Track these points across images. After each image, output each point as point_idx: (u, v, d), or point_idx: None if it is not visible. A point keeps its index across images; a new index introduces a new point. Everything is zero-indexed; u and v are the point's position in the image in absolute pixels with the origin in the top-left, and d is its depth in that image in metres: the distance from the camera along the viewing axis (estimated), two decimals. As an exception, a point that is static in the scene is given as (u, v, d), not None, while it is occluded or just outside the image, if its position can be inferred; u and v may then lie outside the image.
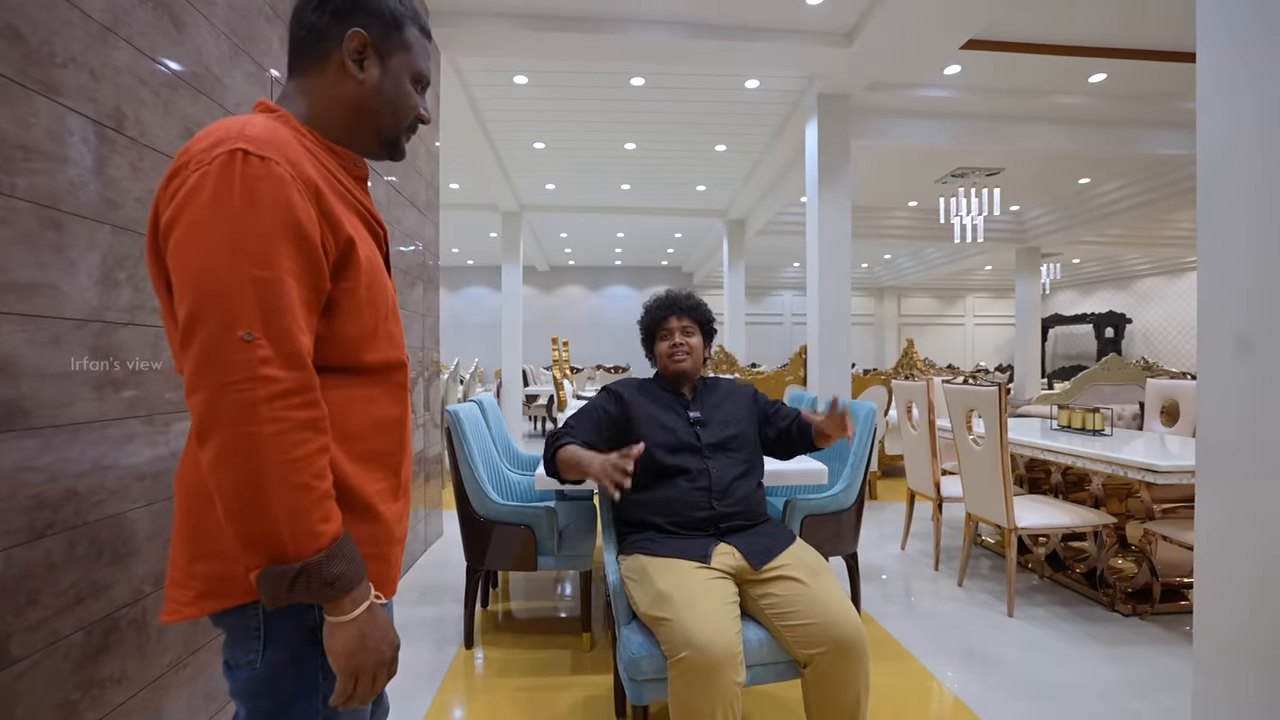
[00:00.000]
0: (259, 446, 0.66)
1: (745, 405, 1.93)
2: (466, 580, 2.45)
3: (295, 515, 0.68)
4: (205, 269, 0.67)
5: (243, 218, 0.68)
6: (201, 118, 1.54)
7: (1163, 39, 4.33)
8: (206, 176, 0.69)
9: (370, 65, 0.85)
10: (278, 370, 0.68)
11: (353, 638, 0.72)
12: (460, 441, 2.36)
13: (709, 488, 1.73)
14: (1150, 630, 2.62)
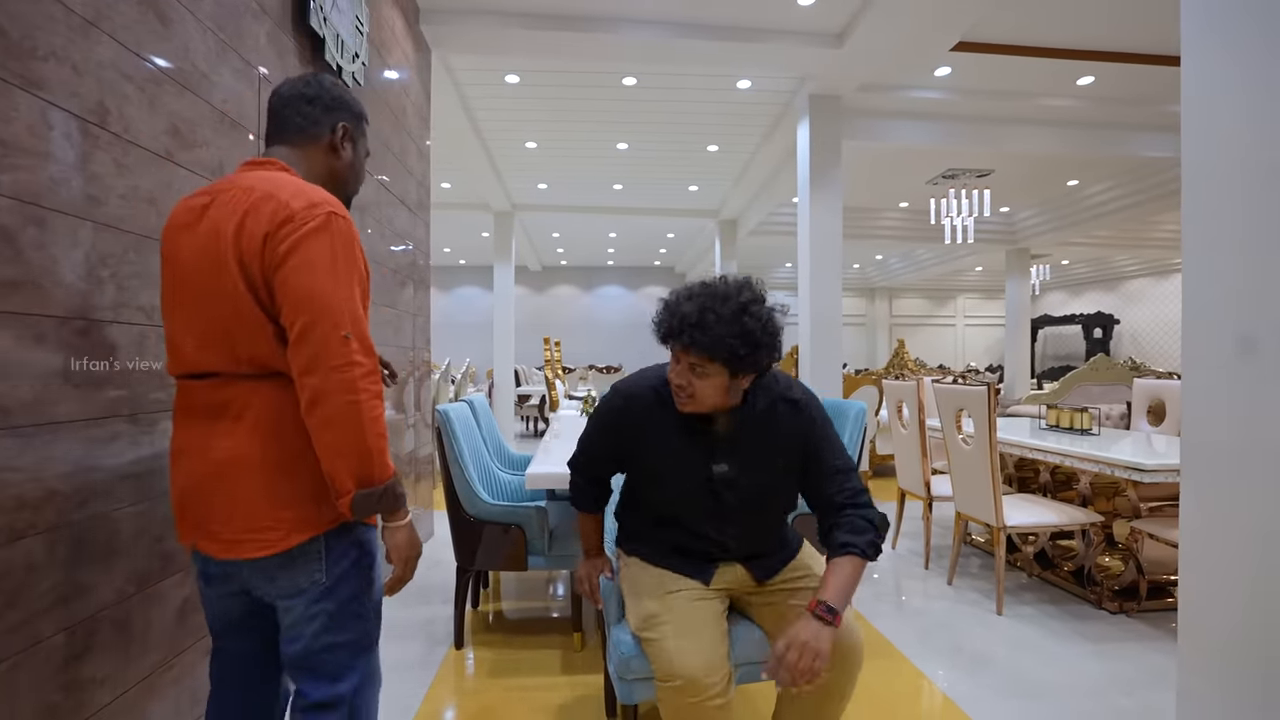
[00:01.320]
0: (358, 410, 0.97)
1: (794, 453, 1.40)
2: (457, 580, 2.44)
3: (379, 454, 0.99)
4: (318, 292, 0.96)
5: (339, 258, 0.99)
6: (187, 114, 1.53)
7: (1148, 42, 4.37)
8: (315, 230, 0.97)
9: (347, 147, 1.18)
10: (362, 359, 0.98)
11: (406, 536, 1.06)
12: (450, 441, 2.35)
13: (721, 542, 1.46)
14: (1136, 627, 2.64)
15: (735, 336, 1.25)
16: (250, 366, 1.00)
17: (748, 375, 1.32)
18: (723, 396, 1.33)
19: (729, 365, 1.28)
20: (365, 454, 0.98)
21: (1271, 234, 1.35)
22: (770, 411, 1.39)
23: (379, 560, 1.14)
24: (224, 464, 1.00)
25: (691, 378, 1.32)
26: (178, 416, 1.07)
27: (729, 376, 1.30)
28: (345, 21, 2.42)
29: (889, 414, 3.79)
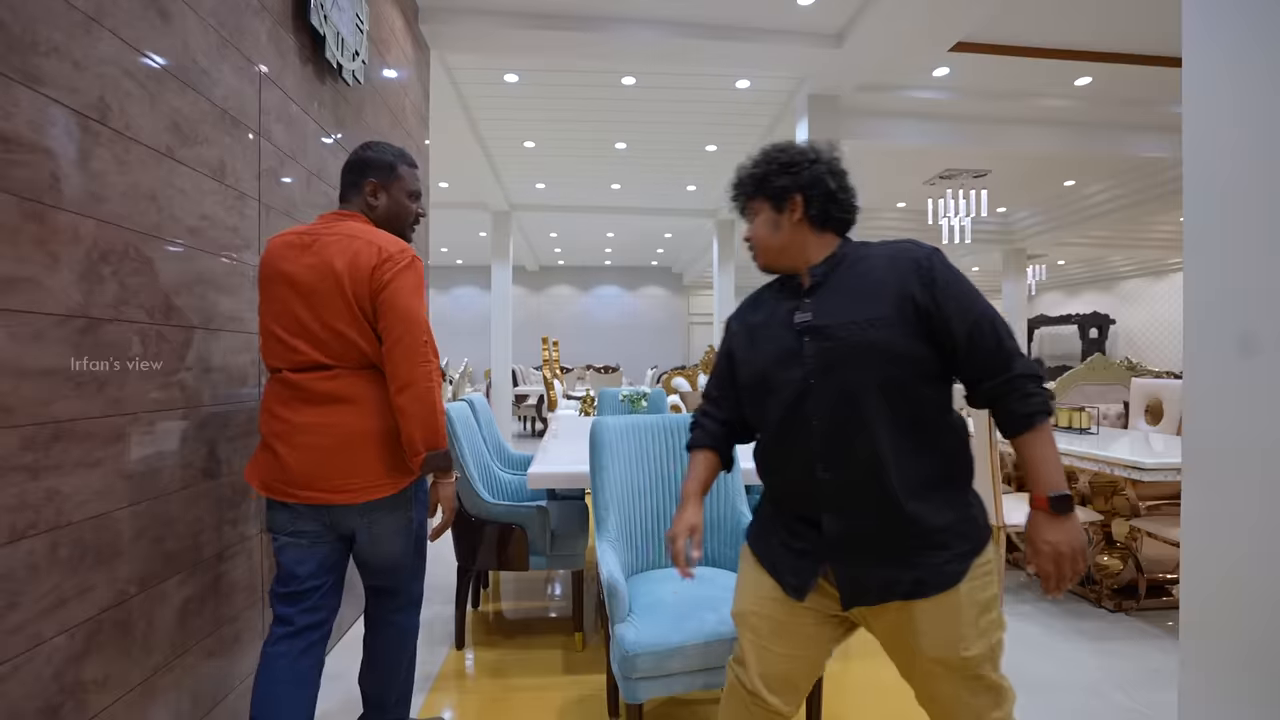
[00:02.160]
0: (431, 394, 1.39)
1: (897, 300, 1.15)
2: (457, 580, 2.43)
3: (442, 427, 1.41)
4: (410, 310, 1.39)
5: (419, 287, 1.42)
6: (188, 111, 1.52)
7: (1146, 43, 4.38)
8: (405, 267, 1.40)
9: (381, 196, 1.54)
10: (434, 359, 1.42)
11: (453, 490, 1.50)
12: (451, 440, 2.34)
13: (810, 447, 1.18)
14: (1136, 626, 2.65)
15: (756, 165, 1.29)
16: (357, 362, 1.41)
17: (790, 204, 1.24)
18: (773, 235, 1.28)
19: (758, 190, 1.28)
20: (435, 426, 1.40)
21: (1273, 233, 1.35)
22: (861, 259, 1.23)
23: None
24: (352, 435, 1.39)
25: (749, 229, 1.33)
26: (282, 401, 1.41)
27: (772, 209, 1.27)
28: (345, 19, 2.41)
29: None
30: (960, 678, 1.15)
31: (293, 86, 2.08)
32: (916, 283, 1.15)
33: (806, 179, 1.24)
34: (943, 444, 1.18)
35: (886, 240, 1.26)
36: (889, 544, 1.16)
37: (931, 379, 1.17)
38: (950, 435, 1.19)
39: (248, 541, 1.80)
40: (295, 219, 2.09)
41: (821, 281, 1.24)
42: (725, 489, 2.00)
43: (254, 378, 1.82)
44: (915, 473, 1.14)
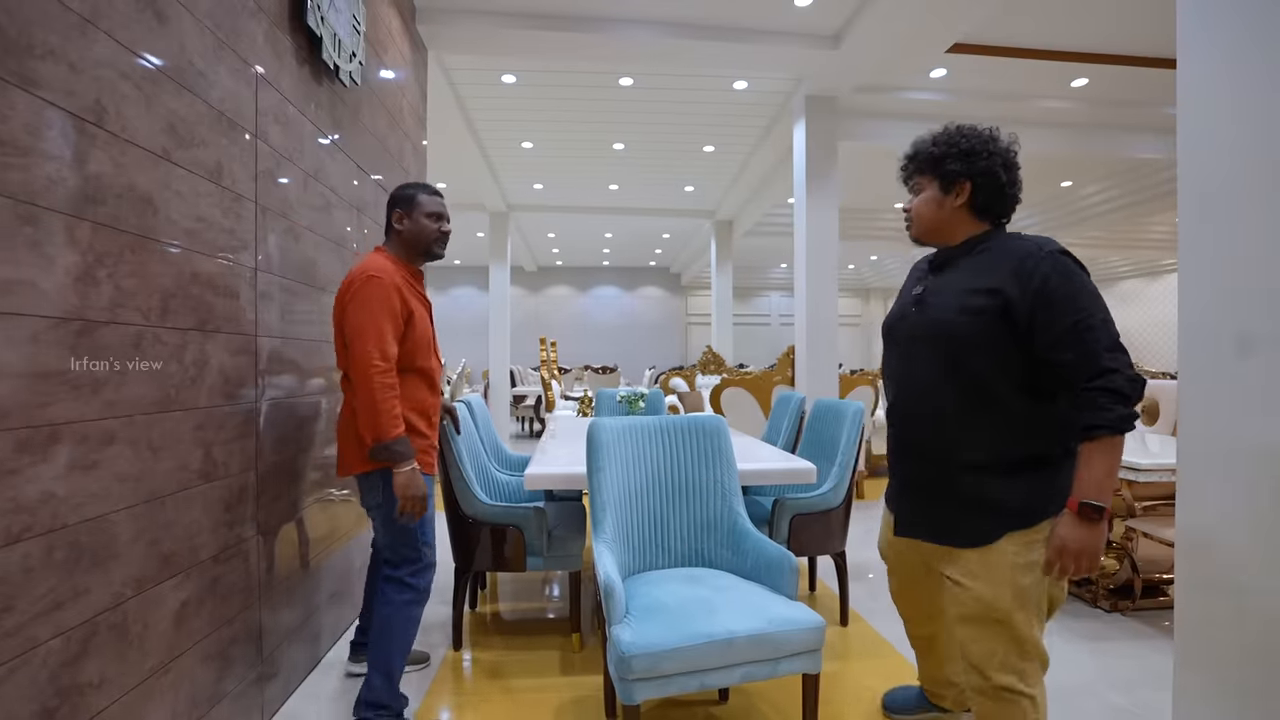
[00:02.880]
0: (372, 395, 1.67)
1: (989, 277, 1.29)
2: (454, 581, 2.43)
3: (386, 423, 1.69)
4: (357, 325, 1.72)
5: (372, 303, 1.73)
6: (184, 113, 1.52)
7: (1142, 45, 4.40)
8: (358, 289, 1.75)
9: (405, 222, 1.93)
10: (381, 363, 1.70)
11: (404, 479, 1.73)
12: (450, 441, 2.34)
13: (893, 397, 1.43)
14: (1132, 626, 2.66)
15: (935, 144, 1.39)
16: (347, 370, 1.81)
17: (958, 188, 1.37)
18: (934, 212, 1.41)
19: (930, 169, 1.40)
20: (375, 422, 1.69)
21: (1267, 234, 1.36)
22: (985, 254, 1.35)
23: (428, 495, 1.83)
24: (346, 425, 1.85)
25: (913, 199, 1.46)
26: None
27: (939, 188, 1.39)
28: (342, 21, 2.41)
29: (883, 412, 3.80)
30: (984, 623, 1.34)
31: (289, 88, 2.08)
32: (1015, 280, 1.26)
33: (980, 168, 1.35)
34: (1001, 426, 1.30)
35: (1028, 235, 1.36)
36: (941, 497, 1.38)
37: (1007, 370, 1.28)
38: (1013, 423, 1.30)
39: (245, 544, 1.80)
40: (292, 220, 2.09)
41: (947, 262, 1.42)
42: (721, 488, 2.01)
43: (251, 380, 1.82)
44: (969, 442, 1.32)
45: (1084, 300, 1.24)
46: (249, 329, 1.82)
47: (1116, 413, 1.19)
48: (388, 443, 1.69)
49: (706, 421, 2.06)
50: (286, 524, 2.08)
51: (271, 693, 1.96)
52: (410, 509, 1.74)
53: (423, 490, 1.75)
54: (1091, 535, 1.20)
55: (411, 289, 1.89)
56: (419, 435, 1.85)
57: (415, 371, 1.86)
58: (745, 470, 2.18)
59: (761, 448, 2.69)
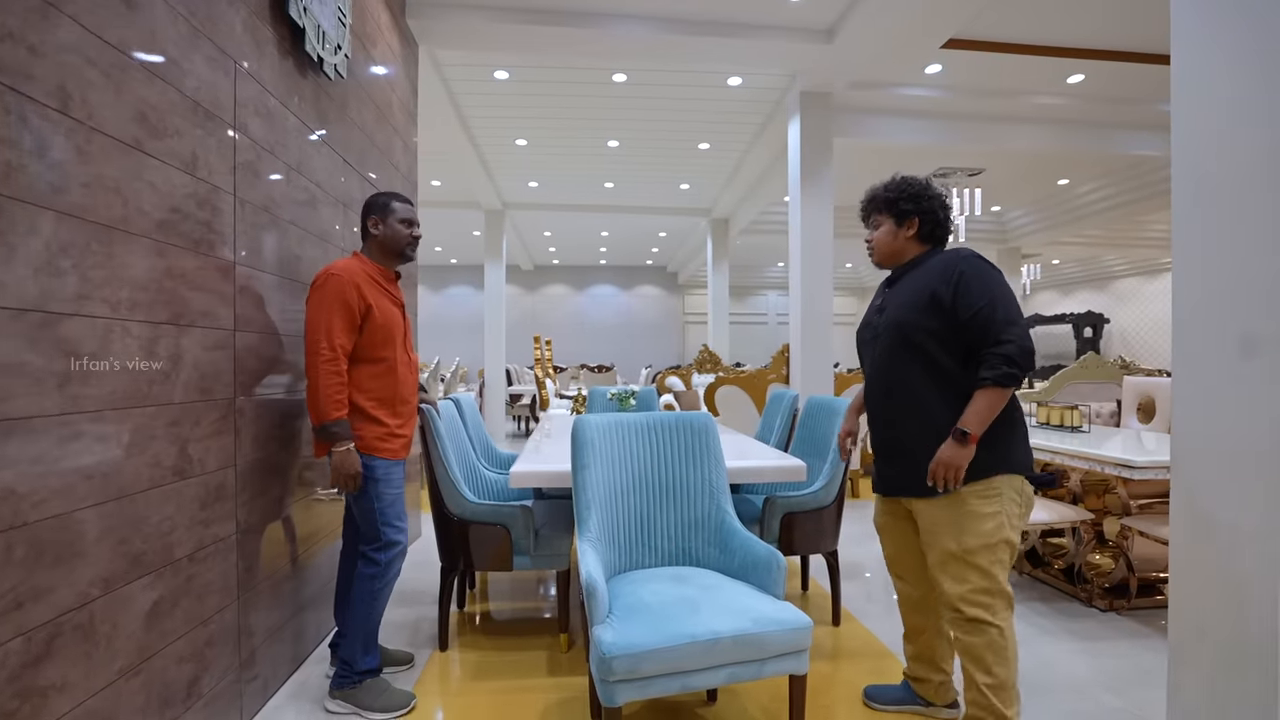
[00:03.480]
0: (315, 382, 1.85)
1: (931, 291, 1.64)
2: (441, 581, 2.39)
3: (326, 406, 1.85)
4: (311, 319, 1.89)
5: (326, 298, 1.89)
6: (155, 101, 1.48)
7: (1138, 41, 4.37)
8: (316, 286, 1.92)
9: (380, 227, 2.07)
10: (327, 352, 1.85)
11: (339, 458, 1.88)
12: (434, 439, 2.31)
13: (867, 383, 1.87)
14: (1127, 625, 2.63)
15: (889, 190, 1.82)
16: None
17: (908, 223, 1.78)
18: (891, 242, 1.82)
19: (886, 209, 1.81)
20: (315, 406, 1.87)
21: (1261, 232, 1.33)
22: (925, 267, 1.74)
23: (381, 478, 1.98)
24: None
25: (871, 232, 1.87)
26: None
27: (894, 223, 1.80)
28: (327, 13, 2.37)
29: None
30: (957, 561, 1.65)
31: (271, 80, 2.04)
32: (941, 278, 1.65)
33: (925, 207, 1.77)
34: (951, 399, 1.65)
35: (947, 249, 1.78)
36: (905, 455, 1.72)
37: (947, 350, 1.65)
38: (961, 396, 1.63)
39: (223, 542, 1.77)
40: (274, 214, 2.06)
41: (899, 278, 1.82)
42: (709, 486, 1.98)
43: (229, 375, 1.78)
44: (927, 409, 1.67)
45: (990, 288, 1.60)
46: (227, 324, 1.78)
47: (1003, 371, 1.55)
48: (327, 424, 1.86)
49: (694, 419, 2.03)
50: (270, 522, 2.04)
51: (251, 694, 1.93)
52: (342, 484, 1.90)
53: (354, 469, 1.89)
54: (961, 453, 1.59)
55: (379, 287, 2.03)
56: (375, 422, 1.97)
57: (374, 361, 1.98)
58: (734, 468, 2.15)
59: (753, 445, 2.65)
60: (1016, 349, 1.55)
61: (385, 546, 2.01)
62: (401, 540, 2.05)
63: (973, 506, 1.62)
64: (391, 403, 2.04)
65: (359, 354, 1.96)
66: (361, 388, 1.96)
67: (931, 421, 1.66)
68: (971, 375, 1.62)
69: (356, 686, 1.98)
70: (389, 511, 2.02)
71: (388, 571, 2.03)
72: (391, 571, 2.04)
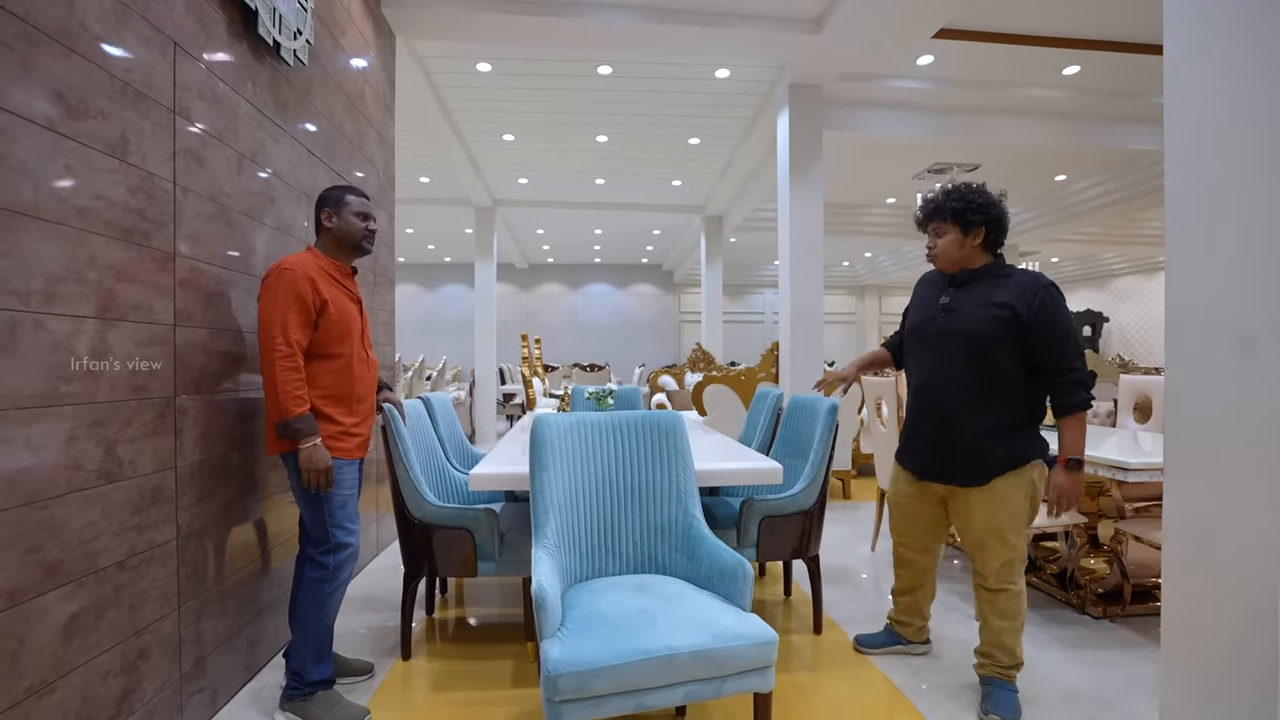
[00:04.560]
0: (274, 378, 1.78)
1: (1008, 310, 1.81)
2: (404, 587, 2.30)
3: (285, 402, 1.78)
4: (263, 313, 1.82)
5: (278, 293, 1.81)
6: (75, 80, 1.39)
7: (1135, 31, 4.27)
8: (267, 280, 1.85)
9: (334, 220, 1.99)
10: (284, 348, 1.78)
11: (306, 455, 1.81)
12: (395, 439, 2.22)
13: (924, 379, 1.99)
14: (1120, 634, 2.53)
15: (952, 199, 1.90)
16: None
17: (975, 232, 1.89)
18: (957, 251, 1.92)
19: (952, 219, 1.90)
20: (275, 402, 1.80)
21: (1253, 228, 1.25)
22: (999, 278, 1.88)
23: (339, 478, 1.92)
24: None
25: (934, 240, 1.96)
26: None
27: (960, 232, 1.90)
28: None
29: (869, 411, 3.67)
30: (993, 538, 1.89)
31: (219, 62, 1.95)
32: (1022, 300, 1.80)
33: (993, 216, 1.88)
34: (1005, 401, 1.85)
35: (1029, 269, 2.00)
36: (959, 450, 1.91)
37: (1015, 360, 1.83)
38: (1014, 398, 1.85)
39: (161, 548, 1.67)
40: (221, 204, 1.96)
41: (967, 281, 1.93)
42: (676, 490, 1.88)
43: (167, 371, 1.69)
44: (984, 411, 1.86)
45: (1066, 320, 1.79)
46: (165, 318, 1.69)
47: (1082, 396, 1.77)
48: (289, 420, 1.79)
49: (662, 419, 1.93)
50: (220, 525, 1.95)
51: (197, 705, 1.84)
52: (313, 481, 1.83)
53: (325, 464, 1.83)
54: (1077, 480, 1.80)
55: (333, 281, 1.96)
56: (328, 420, 1.91)
57: (329, 357, 1.92)
58: (704, 470, 2.05)
59: (730, 446, 2.56)
60: (1089, 376, 1.78)
61: (334, 549, 1.93)
62: (351, 542, 1.97)
63: (1010, 492, 1.85)
64: (346, 400, 1.97)
65: (314, 349, 1.90)
66: (315, 384, 1.90)
67: (990, 422, 1.85)
68: (1031, 389, 1.85)
69: (307, 699, 1.89)
70: (339, 513, 1.94)
71: (336, 575, 1.94)
72: (341, 576, 1.96)
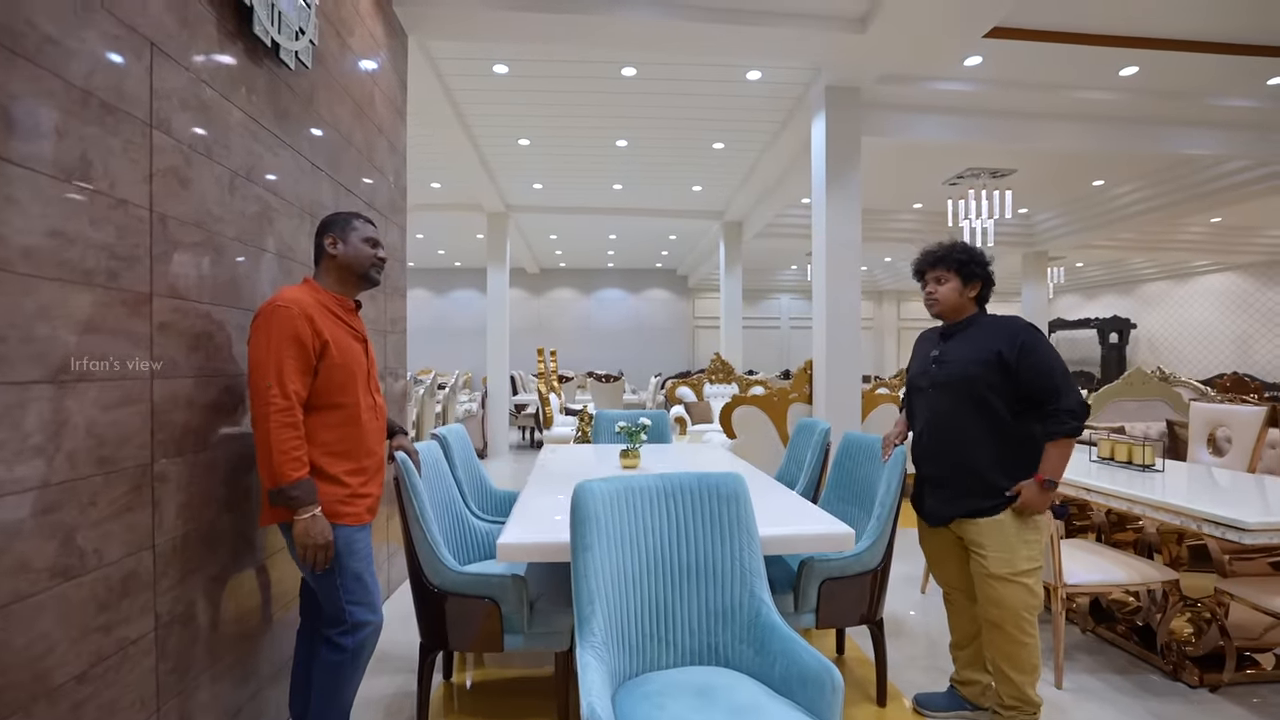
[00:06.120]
0: (267, 435, 1.53)
1: (996, 353, 1.89)
2: (420, 660, 2.03)
3: (280, 465, 1.53)
4: (255, 357, 1.58)
5: (271, 334, 1.57)
6: (20, 92, 1.12)
7: (1197, 29, 3.96)
8: (258, 318, 1.61)
9: (339, 246, 1.76)
10: (280, 400, 1.55)
11: (302, 528, 1.57)
12: (410, 496, 1.94)
13: (923, 425, 2.08)
14: (1226, 709, 2.23)
15: (958, 251, 2.01)
16: None
17: (973, 284, 2.02)
18: (956, 298, 2.02)
19: (957, 269, 2.01)
20: (269, 465, 1.53)
21: None
22: (983, 328, 1.99)
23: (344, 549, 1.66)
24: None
25: (935, 287, 2.05)
26: None
27: (960, 281, 2.01)
28: (287, -9, 2.01)
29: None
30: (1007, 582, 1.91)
31: (207, 66, 1.68)
32: (1008, 343, 1.90)
33: (988, 274, 2.03)
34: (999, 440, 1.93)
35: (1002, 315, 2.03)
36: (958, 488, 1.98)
37: (1005, 401, 1.91)
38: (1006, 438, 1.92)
39: (136, 645, 1.41)
40: (210, 230, 1.70)
41: (953, 334, 2.06)
42: (741, 568, 1.60)
43: (142, 436, 1.43)
44: (982, 450, 1.94)
45: (1048, 356, 1.88)
46: (139, 371, 1.42)
47: (1070, 425, 1.84)
48: (283, 487, 1.54)
49: (722, 483, 1.65)
50: (207, 602, 1.69)
51: (179, 820, 1.57)
52: (311, 559, 1.59)
53: (324, 539, 1.58)
54: (1046, 497, 1.88)
55: (334, 319, 1.72)
56: (334, 482, 1.66)
57: (332, 408, 1.67)
58: (768, 536, 1.77)
59: (784, 497, 2.27)
60: (1076, 404, 1.84)
61: (353, 629, 1.68)
62: (372, 620, 1.72)
63: (1021, 534, 1.90)
64: (355, 456, 1.71)
65: (314, 400, 1.65)
66: (316, 440, 1.65)
67: (985, 461, 1.93)
68: (1020, 424, 1.92)
69: None
70: (355, 587, 1.69)
71: (357, 658, 1.70)
72: (362, 656, 1.71)
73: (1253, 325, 10.79)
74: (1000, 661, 1.95)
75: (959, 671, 2.20)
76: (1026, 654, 1.91)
